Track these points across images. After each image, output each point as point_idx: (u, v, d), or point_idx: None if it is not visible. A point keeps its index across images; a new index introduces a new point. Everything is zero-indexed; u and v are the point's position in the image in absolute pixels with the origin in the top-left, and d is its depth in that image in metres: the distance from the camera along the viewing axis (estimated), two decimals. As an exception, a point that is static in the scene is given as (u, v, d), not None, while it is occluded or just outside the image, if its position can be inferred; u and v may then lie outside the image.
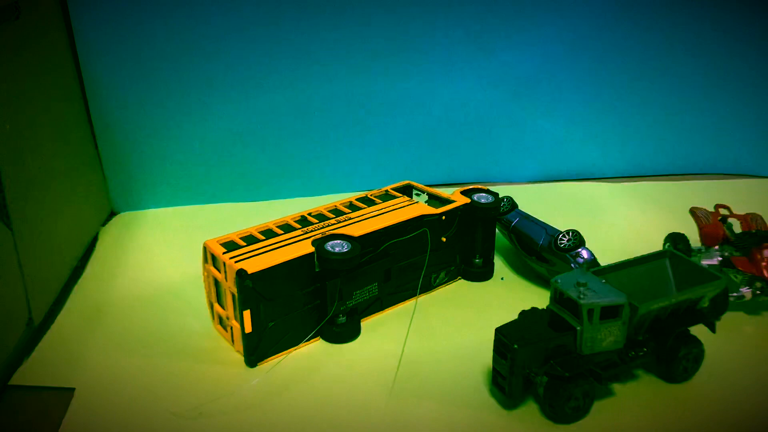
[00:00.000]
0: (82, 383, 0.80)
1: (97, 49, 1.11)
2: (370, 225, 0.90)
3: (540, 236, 0.99)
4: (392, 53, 1.22)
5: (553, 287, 0.76)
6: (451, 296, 0.99)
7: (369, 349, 0.87)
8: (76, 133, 1.12)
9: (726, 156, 1.39)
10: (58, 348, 0.87)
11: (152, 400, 0.78)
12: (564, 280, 0.75)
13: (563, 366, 0.72)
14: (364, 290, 0.90)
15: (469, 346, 0.87)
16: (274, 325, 0.83)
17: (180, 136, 1.21)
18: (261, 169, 1.27)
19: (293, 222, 0.92)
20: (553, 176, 1.37)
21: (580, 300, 0.72)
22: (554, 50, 1.27)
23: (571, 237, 0.96)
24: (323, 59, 1.20)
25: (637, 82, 1.32)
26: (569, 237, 0.96)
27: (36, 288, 0.91)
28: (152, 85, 1.16)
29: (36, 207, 0.94)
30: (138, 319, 0.93)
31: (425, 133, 1.31)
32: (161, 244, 1.13)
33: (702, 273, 0.80)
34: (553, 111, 1.32)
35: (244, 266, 0.79)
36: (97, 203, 1.19)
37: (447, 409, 0.76)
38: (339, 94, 1.24)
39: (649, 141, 1.37)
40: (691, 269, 0.81)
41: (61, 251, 1.02)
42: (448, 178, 1.34)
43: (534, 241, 1.00)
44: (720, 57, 1.31)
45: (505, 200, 1.09)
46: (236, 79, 1.19)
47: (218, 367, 0.83)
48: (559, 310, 0.75)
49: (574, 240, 0.96)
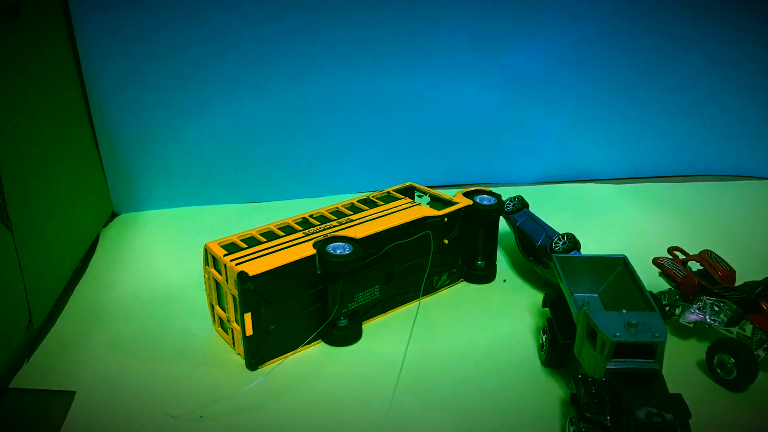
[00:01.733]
0: (83, 386, 0.80)
1: (98, 49, 1.11)
2: (372, 227, 0.90)
3: (539, 237, 0.99)
4: (395, 53, 1.22)
5: (609, 343, 0.68)
6: (454, 299, 0.98)
7: (370, 353, 0.86)
8: (76, 134, 1.12)
9: (730, 157, 1.39)
10: (59, 350, 0.87)
11: (153, 403, 0.77)
12: (607, 327, 0.69)
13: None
14: (365, 293, 0.90)
15: (472, 350, 0.86)
16: (275, 328, 0.83)
17: (182, 136, 1.20)
18: (262, 170, 1.26)
19: (294, 224, 0.92)
20: (557, 177, 1.36)
21: (657, 338, 0.68)
22: (558, 51, 1.26)
23: (566, 240, 0.95)
24: (325, 60, 1.20)
25: (641, 83, 1.31)
26: (564, 240, 0.95)
27: (36, 290, 0.90)
28: (154, 86, 1.15)
29: (36, 208, 0.94)
30: (139, 322, 0.92)
31: (428, 133, 1.30)
32: (162, 246, 1.13)
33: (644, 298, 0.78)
34: (557, 112, 1.31)
35: (245, 268, 0.79)
36: (98, 204, 1.19)
37: (450, 414, 0.76)
38: (341, 95, 1.23)
39: (653, 142, 1.36)
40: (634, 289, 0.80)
41: (62, 253, 1.02)
42: (450, 180, 1.34)
43: (533, 242, 0.99)
44: (724, 58, 1.30)
45: (516, 200, 1.08)
46: (238, 81, 1.18)
47: (219, 369, 0.83)
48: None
49: (568, 243, 0.95)
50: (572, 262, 0.85)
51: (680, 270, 0.87)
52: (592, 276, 0.85)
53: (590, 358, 0.71)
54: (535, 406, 0.77)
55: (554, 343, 0.80)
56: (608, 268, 0.84)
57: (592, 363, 0.71)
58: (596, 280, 0.85)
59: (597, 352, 0.69)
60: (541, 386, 0.80)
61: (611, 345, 0.68)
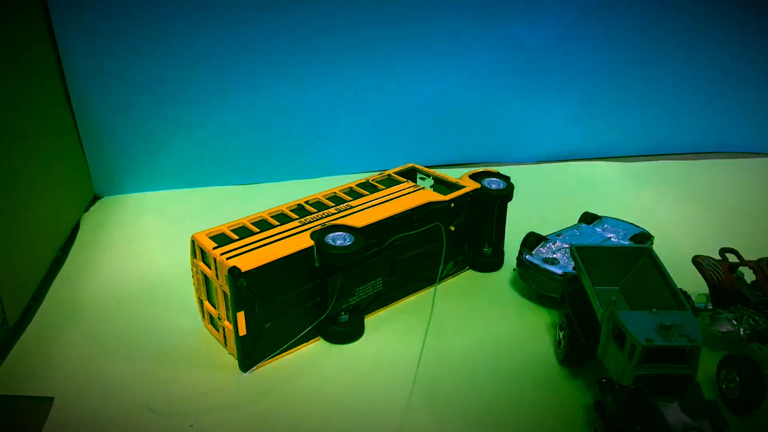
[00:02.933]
0: (62, 391, 0.74)
1: (75, 25, 1.04)
2: (374, 214, 0.83)
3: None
4: (395, 27, 1.15)
5: (641, 348, 0.61)
6: (461, 290, 0.92)
7: (374, 351, 0.80)
8: (54, 114, 1.05)
9: (744, 134, 1.34)
10: (35, 351, 0.80)
11: (138, 409, 0.71)
12: (637, 329, 0.63)
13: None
14: (367, 286, 0.84)
15: (484, 348, 0.80)
16: (270, 326, 0.76)
17: (165, 114, 1.14)
18: (252, 149, 1.20)
19: (289, 211, 0.85)
20: (564, 156, 1.30)
21: (693, 343, 0.62)
22: (565, 25, 1.19)
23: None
24: (320, 34, 1.13)
25: (651, 59, 1.25)
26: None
27: (11, 284, 0.84)
28: (135, 62, 1.08)
29: (11, 194, 0.88)
30: (122, 318, 0.86)
31: (429, 110, 1.24)
32: (147, 231, 1.07)
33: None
34: (564, 88, 1.25)
35: (237, 263, 0.72)
36: (79, 187, 1.13)
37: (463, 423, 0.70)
38: (336, 69, 1.16)
39: (664, 119, 1.31)
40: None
41: (39, 242, 0.95)
42: (452, 159, 1.28)
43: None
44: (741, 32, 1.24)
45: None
46: (224, 56, 1.11)
47: (210, 371, 0.77)
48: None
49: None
50: (592, 252, 0.79)
51: (720, 273, 0.79)
52: (614, 267, 0.78)
53: (617, 362, 0.65)
54: (554, 412, 0.71)
55: (574, 342, 0.74)
56: (631, 260, 0.78)
57: (619, 368, 0.65)
58: (618, 272, 0.78)
59: (625, 357, 0.63)
60: (558, 389, 0.74)
61: (643, 350, 0.61)
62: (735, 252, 0.84)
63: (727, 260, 0.83)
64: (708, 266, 0.81)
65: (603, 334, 0.68)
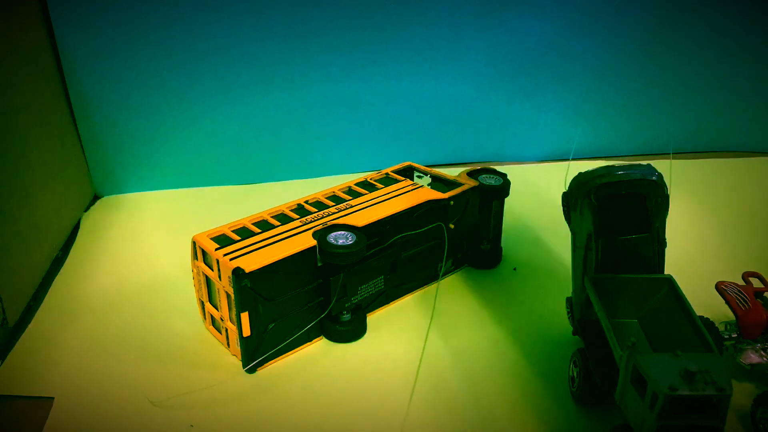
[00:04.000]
0: (62, 391, 0.74)
1: (75, 25, 1.03)
2: (374, 213, 0.83)
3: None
4: (394, 27, 1.14)
5: (663, 397, 0.55)
6: (460, 287, 0.92)
7: (376, 350, 0.80)
8: (53, 113, 1.05)
9: (745, 134, 1.33)
10: (36, 351, 0.80)
11: (138, 410, 0.71)
12: (659, 375, 0.57)
13: None
14: (369, 284, 0.83)
15: (488, 344, 0.80)
16: (273, 326, 0.76)
17: (165, 114, 1.13)
18: (251, 149, 1.19)
19: (289, 211, 0.85)
20: (564, 156, 1.30)
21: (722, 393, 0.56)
22: (565, 23, 1.19)
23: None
24: (319, 35, 1.12)
25: (651, 59, 1.25)
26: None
27: (11, 284, 0.84)
28: (134, 62, 1.08)
29: (11, 194, 0.87)
30: (123, 318, 0.86)
31: (426, 110, 1.23)
32: (147, 231, 1.06)
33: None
34: (564, 86, 1.25)
35: (241, 264, 0.72)
36: (79, 187, 1.12)
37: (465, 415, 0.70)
38: (335, 70, 1.16)
39: (666, 118, 1.30)
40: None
41: (39, 241, 0.95)
42: (451, 159, 1.27)
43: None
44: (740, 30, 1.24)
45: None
46: (224, 56, 1.11)
47: (213, 372, 0.76)
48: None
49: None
50: (607, 282, 0.71)
51: (746, 301, 0.75)
52: (631, 298, 0.71)
53: (636, 410, 0.58)
54: (555, 410, 0.71)
55: (589, 381, 0.69)
56: (651, 290, 0.71)
57: (638, 416, 0.58)
58: (636, 303, 0.71)
59: (646, 406, 0.57)
60: (559, 389, 0.74)
61: (665, 399, 0.55)
62: (759, 276, 0.79)
63: (751, 284, 0.78)
64: (732, 293, 0.76)
65: (621, 377, 0.61)
